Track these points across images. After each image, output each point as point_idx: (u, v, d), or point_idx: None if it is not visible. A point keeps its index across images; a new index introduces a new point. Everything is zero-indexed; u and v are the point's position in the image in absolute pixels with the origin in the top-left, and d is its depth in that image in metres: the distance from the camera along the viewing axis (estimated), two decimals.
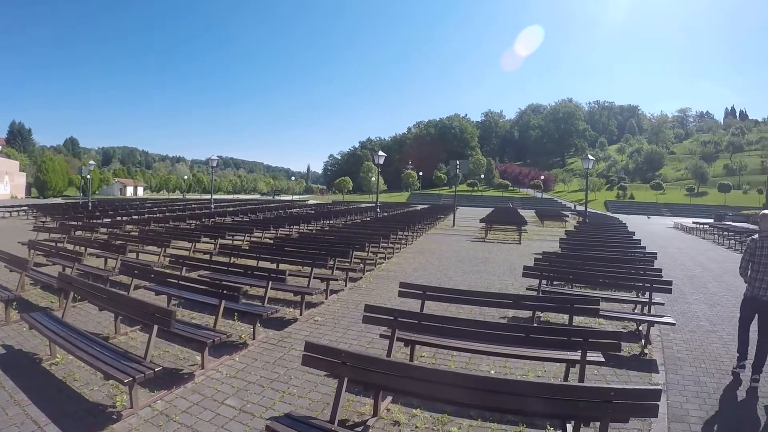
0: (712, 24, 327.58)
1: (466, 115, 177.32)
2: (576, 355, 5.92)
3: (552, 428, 5.41)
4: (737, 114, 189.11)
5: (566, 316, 8.21)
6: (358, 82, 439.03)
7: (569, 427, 4.87)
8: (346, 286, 12.21)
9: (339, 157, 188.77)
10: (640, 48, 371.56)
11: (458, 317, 7.79)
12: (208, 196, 61.22)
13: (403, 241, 21.04)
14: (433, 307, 9.47)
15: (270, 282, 9.04)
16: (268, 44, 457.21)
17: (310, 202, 77.37)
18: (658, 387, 4.11)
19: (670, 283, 9.86)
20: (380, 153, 31.02)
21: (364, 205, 53.95)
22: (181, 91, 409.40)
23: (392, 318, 6.30)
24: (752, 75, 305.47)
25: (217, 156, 42.59)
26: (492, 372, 7.07)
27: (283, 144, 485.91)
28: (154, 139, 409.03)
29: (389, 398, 5.75)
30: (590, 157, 32.38)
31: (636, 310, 10.51)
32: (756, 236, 7.63)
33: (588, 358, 5.96)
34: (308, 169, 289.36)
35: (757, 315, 7.43)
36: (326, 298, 10.72)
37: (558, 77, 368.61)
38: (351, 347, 7.70)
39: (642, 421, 5.61)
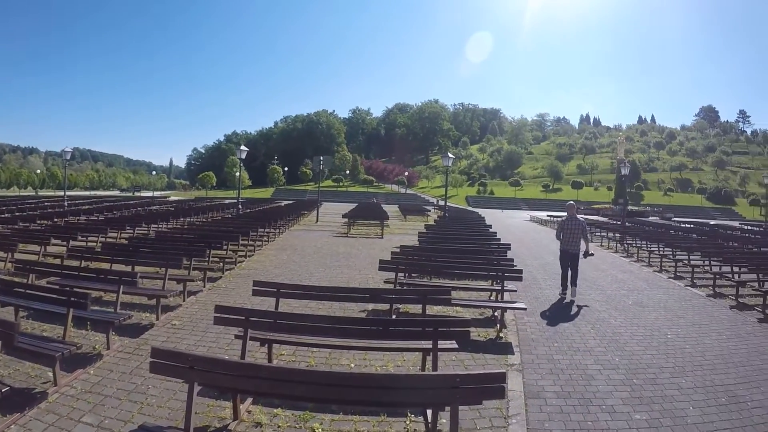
0: (570, 40, 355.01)
1: (334, 111, 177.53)
2: (431, 344, 6.10)
3: (413, 415, 5.58)
4: (591, 120, 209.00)
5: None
6: (223, 73, 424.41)
7: (429, 413, 5.10)
8: (204, 286, 11.85)
9: (203, 151, 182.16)
10: (505, 57, 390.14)
11: (315, 314, 8.01)
12: (62, 193, 57.64)
13: (265, 238, 20.81)
14: (293, 305, 9.52)
15: (121, 286, 8.58)
16: (130, 37, 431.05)
17: (172, 198, 74.88)
18: (502, 370, 4.38)
19: (520, 271, 10.77)
20: (243, 147, 30.57)
21: (227, 201, 52.61)
22: (35, 77, 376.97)
23: (243, 318, 6.20)
24: (606, 86, 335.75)
25: (73, 148, 40.08)
26: (352, 366, 7.21)
27: (144, 135, 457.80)
28: (5, 127, 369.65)
29: (249, 400, 5.71)
30: (450, 155, 33.75)
31: (492, 298, 11.11)
32: (564, 217, 13.46)
33: (442, 346, 6.26)
34: (171, 163, 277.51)
35: (570, 260, 12.68)
36: (184, 301, 10.35)
37: (425, 78, 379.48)
38: (209, 350, 7.59)
39: (500, 401, 5.90)
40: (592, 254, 13.15)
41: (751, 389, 7.14)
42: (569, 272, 12.70)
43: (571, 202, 14.22)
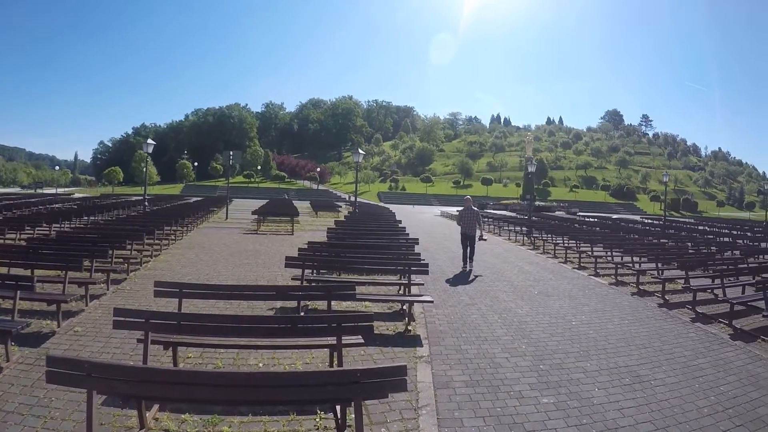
0: (485, 43, 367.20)
1: (247, 105, 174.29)
2: (335, 340, 6.13)
3: (322, 412, 5.58)
4: (502, 120, 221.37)
5: (333, 303, 8.69)
6: (133, 63, 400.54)
7: (338, 409, 5.09)
8: (108, 289, 11.29)
9: (110, 145, 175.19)
10: (418, 54, 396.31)
11: (221, 314, 7.87)
12: None
13: (172, 237, 20.22)
14: (201, 305, 9.38)
15: (18, 291, 8.02)
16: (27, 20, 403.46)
17: (77, 195, 71.90)
18: (402, 363, 4.42)
19: (427, 265, 11.06)
20: (149, 141, 29.48)
21: (134, 198, 50.83)
22: None
23: (144, 320, 5.82)
24: (518, 88, 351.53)
25: None
26: (260, 365, 7.13)
27: (47, 127, 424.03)
28: None
29: (156, 407, 5.54)
30: (360, 151, 33.92)
31: (401, 292, 11.22)
32: (463, 208, 17.23)
33: (347, 341, 6.31)
34: (76, 157, 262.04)
35: (468, 241, 16.43)
36: (87, 305, 9.83)
37: (340, 74, 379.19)
38: (114, 357, 7.29)
39: (410, 393, 6.12)
40: (485, 239, 17.87)
41: (653, 369, 7.72)
42: (468, 250, 16.52)
43: (468, 197, 19.62)
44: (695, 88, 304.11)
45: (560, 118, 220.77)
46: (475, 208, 17.29)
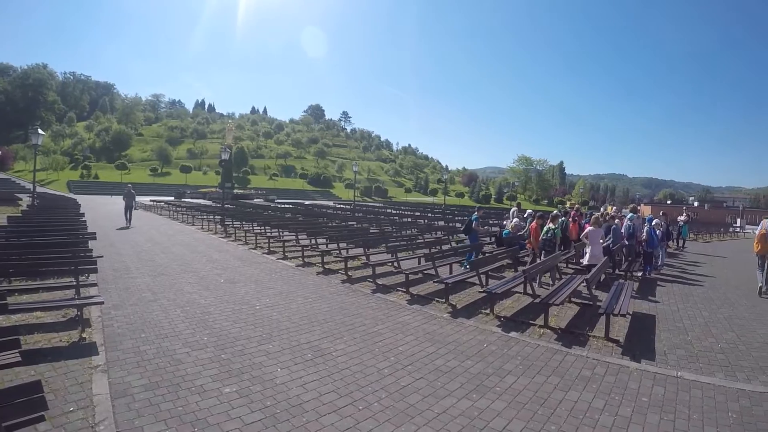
0: (192, 24, 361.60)
1: None
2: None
3: None
4: (206, 106, 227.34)
5: (2, 318, 8.05)
6: None
7: None
8: None
9: None
10: (123, 27, 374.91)
11: None
12: None
13: None
14: None
15: None
16: None
17: None
18: (36, 379, 4.24)
19: (95, 262, 10.39)
20: None
21: None
22: None
23: None
24: (224, 75, 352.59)
25: None
26: None
27: None
28: None
29: None
30: (40, 132, 31.04)
31: (77, 294, 10.39)
32: (126, 191, 28.43)
33: (3, 362, 5.69)
34: None
35: (128, 209, 28.12)
36: None
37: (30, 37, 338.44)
38: None
39: (86, 410, 5.68)
40: (138, 209, 28.30)
41: (334, 341, 8.62)
42: (128, 214, 27.65)
43: (129, 184, 30.28)
44: (394, 92, 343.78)
45: (265, 109, 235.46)
46: (133, 191, 28.79)
